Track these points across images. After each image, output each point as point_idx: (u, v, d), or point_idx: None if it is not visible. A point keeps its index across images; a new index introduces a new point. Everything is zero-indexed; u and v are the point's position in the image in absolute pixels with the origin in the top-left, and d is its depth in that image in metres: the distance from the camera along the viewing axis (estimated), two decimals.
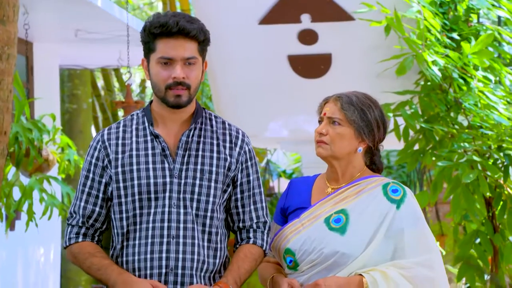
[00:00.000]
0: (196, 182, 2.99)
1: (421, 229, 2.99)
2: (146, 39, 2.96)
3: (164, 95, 2.96)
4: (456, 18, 5.32)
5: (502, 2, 5.35)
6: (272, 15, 5.28)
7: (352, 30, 5.26)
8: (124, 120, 3.10)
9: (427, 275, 2.92)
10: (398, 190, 3.02)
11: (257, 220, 3.10)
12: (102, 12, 6.10)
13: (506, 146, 4.83)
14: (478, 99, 5.01)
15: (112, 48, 7.59)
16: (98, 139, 3.05)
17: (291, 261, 3.04)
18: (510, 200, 4.92)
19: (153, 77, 2.97)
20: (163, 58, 2.93)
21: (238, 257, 3.04)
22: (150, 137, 3.02)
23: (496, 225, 5.04)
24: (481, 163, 4.77)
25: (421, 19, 4.91)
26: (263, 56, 5.46)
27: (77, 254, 3.01)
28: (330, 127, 3.05)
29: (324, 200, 3.06)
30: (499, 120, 4.95)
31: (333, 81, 5.38)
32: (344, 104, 3.04)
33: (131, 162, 2.99)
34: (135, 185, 2.97)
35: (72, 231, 3.04)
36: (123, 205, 2.99)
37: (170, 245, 2.94)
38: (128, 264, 2.98)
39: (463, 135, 4.96)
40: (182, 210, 2.96)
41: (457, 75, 4.97)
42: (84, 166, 3.06)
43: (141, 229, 2.97)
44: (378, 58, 5.18)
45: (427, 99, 5.12)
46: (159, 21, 2.92)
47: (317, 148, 3.09)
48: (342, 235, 2.96)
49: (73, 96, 9.58)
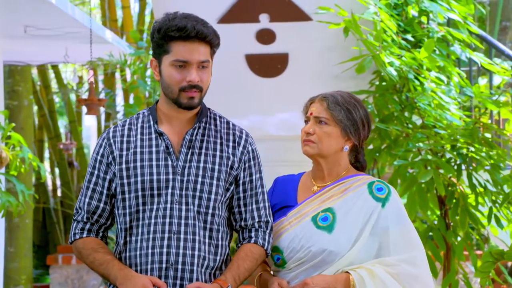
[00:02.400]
0: (198, 179, 3.04)
1: (405, 227, 3.08)
2: (159, 41, 3.01)
3: (177, 96, 3.02)
4: (410, 20, 5.43)
5: (453, 5, 5.49)
6: (231, 14, 5.31)
7: (309, 30, 5.32)
8: (130, 118, 3.15)
9: (412, 272, 3.01)
10: (383, 189, 3.11)
11: (259, 219, 3.15)
12: (54, 8, 6.04)
13: (460, 145, 4.96)
14: (431, 99, 5.13)
15: (59, 45, 7.52)
16: (104, 136, 3.10)
17: (279, 258, 3.10)
18: (463, 198, 5.06)
19: (166, 78, 3.03)
20: (178, 61, 2.99)
21: (239, 256, 3.09)
22: (155, 135, 3.07)
23: (448, 222, 5.17)
24: (436, 162, 4.89)
25: (378, 20, 5.01)
26: (221, 55, 5.44)
27: (81, 250, 3.07)
28: (317, 126, 3.12)
29: (311, 198, 3.13)
30: (451, 120, 5.09)
31: (289, 81, 5.44)
32: (330, 104, 3.11)
33: (135, 159, 3.04)
34: (138, 181, 3.02)
35: (77, 226, 3.10)
36: (126, 201, 3.04)
37: (171, 240, 2.99)
38: (130, 259, 3.03)
39: (418, 134, 5.08)
40: (184, 207, 3.01)
41: (413, 76, 5.09)
42: (90, 162, 3.12)
43: (143, 224, 3.02)
44: (334, 59, 5.26)
45: (382, 99, 5.23)
46: (176, 24, 2.98)
47: (304, 146, 3.15)
48: (329, 233, 3.03)
49: (14, 93, 9.44)
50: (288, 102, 5.47)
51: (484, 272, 4.24)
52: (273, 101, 5.54)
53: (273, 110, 5.57)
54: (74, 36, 6.91)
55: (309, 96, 5.39)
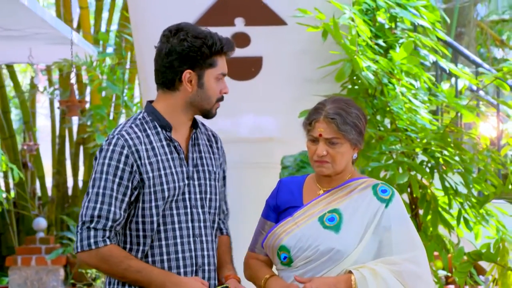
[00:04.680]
0: (206, 182, 3.21)
1: (407, 226, 3.18)
2: (205, 55, 3.10)
3: (211, 107, 3.18)
4: (381, 26, 5.55)
5: (422, 11, 5.62)
6: (207, 18, 5.35)
7: (283, 34, 5.38)
8: (135, 124, 3.17)
9: (415, 270, 3.11)
10: (387, 191, 3.21)
11: (227, 212, 3.40)
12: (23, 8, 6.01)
13: (434, 148, 5.08)
14: (402, 103, 5.25)
15: (23, 45, 7.46)
16: (122, 144, 3.09)
17: (286, 257, 3.18)
18: (434, 200, 5.19)
19: (208, 91, 3.16)
20: (222, 75, 3.17)
21: (225, 249, 3.33)
22: (166, 141, 3.15)
23: (419, 223, 5.29)
24: (409, 164, 5.01)
25: (354, 25, 5.10)
26: None
27: (109, 258, 3.06)
28: (329, 147, 3.17)
29: (317, 200, 3.21)
30: (422, 123, 5.21)
31: (263, 84, 5.49)
32: (340, 126, 3.15)
33: (158, 167, 3.11)
34: (165, 189, 3.11)
35: (98, 234, 3.05)
36: (153, 209, 3.11)
37: (196, 244, 3.14)
38: (162, 263, 3.10)
39: (391, 137, 5.19)
40: (200, 210, 3.18)
41: (387, 80, 5.20)
42: (105, 169, 3.08)
43: (168, 229, 3.12)
44: (308, 63, 5.34)
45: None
46: (222, 38, 3.14)
47: (318, 167, 3.20)
48: (336, 233, 3.12)
49: None
50: (261, 105, 5.55)
51: (462, 273, 4.35)
52: (246, 103, 5.59)
53: (246, 113, 5.62)
54: (39, 38, 6.87)
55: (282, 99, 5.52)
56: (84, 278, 8.82)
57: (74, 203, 10.45)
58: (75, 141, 10.65)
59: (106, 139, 3.15)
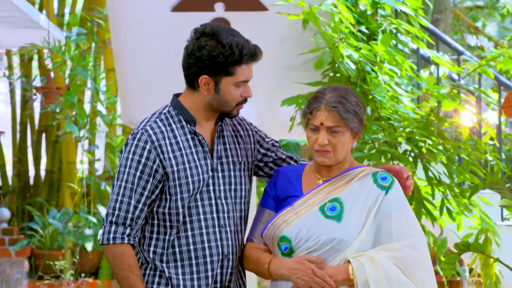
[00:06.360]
0: (231, 173, 3.28)
1: (407, 213, 3.18)
2: (221, 65, 3.13)
3: (231, 110, 3.23)
4: (363, 12, 5.45)
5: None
6: (185, 3, 5.23)
7: (264, 20, 5.28)
8: (159, 119, 3.23)
9: (414, 256, 3.10)
10: (387, 178, 3.21)
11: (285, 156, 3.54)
12: None
13: (418, 138, 5.00)
14: (385, 91, 5.17)
15: None
16: (145, 139, 3.16)
17: (287, 248, 3.15)
18: (417, 190, 5.11)
19: (226, 96, 3.19)
20: (242, 82, 3.20)
21: None
22: (190, 135, 3.23)
23: None
24: (393, 154, 4.93)
25: (336, 12, 5.00)
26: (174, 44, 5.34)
27: (119, 258, 3.15)
28: (330, 135, 3.16)
29: (317, 189, 3.20)
30: (405, 112, 5.13)
31: None
32: (343, 114, 3.14)
33: (183, 161, 3.18)
34: (189, 182, 3.18)
35: (118, 230, 3.14)
36: (178, 201, 3.18)
37: (222, 233, 3.23)
38: (183, 254, 3.20)
39: (373, 126, 5.11)
40: (224, 201, 3.25)
41: (369, 68, 5.11)
42: (128, 163, 3.17)
43: (194, 220, 3.20)
44: (289, 50, 5.24)
45: None
46: (243, 48, 3.16)
47: (319, 157, 3.18)
48: (338, 223, 3.11)
49: None
50: None
51: (449, 263, 4.30)
52: None
53: None
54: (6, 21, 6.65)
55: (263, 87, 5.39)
56: (52, 270, 8.61)
57: (36, 192, 10.16)
58: (37, 128, 10.35)
59: (131, 133, 3.21)
